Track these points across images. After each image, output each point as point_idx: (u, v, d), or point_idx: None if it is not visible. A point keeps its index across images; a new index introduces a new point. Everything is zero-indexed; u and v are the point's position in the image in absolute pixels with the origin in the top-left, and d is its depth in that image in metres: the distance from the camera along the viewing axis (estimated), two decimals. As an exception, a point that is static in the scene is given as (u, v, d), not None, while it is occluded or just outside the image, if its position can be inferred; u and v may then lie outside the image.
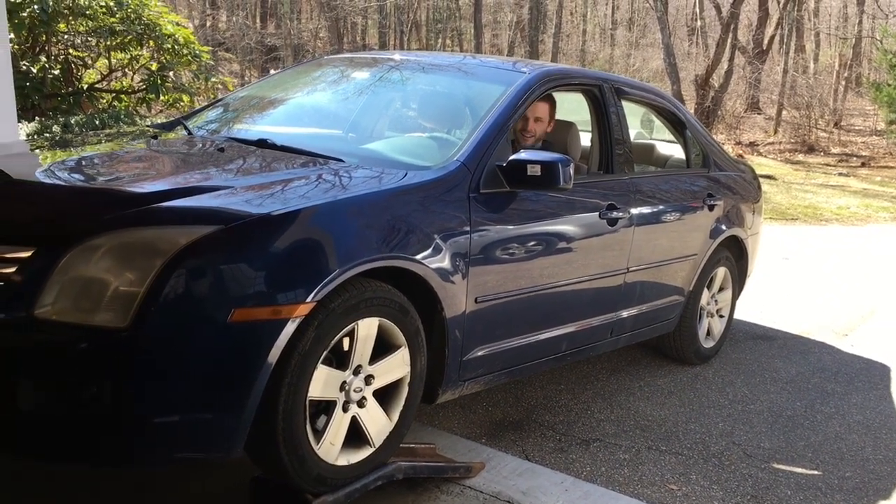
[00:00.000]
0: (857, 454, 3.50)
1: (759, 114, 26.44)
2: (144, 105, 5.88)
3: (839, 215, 11.41)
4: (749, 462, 3.34)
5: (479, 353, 2.99)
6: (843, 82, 28.62)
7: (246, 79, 21.34)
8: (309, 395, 2.37)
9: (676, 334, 4.29)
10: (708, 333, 4.52)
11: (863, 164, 20.45)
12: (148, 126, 4.07)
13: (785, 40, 27.03)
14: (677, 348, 4.37)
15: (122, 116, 5.23)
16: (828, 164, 19.61)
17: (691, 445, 3.44)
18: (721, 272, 4.53)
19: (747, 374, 4.38)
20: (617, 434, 3.46)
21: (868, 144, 23.93)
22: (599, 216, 3.47)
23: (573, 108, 4.26)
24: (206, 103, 4.38)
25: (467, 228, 2.83)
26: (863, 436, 3.69)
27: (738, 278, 4.75)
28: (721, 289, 4.60)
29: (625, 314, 3.77)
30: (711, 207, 4.29)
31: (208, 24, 22.76)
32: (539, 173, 2.92)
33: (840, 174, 17.75)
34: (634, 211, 3.65)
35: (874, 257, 8.28)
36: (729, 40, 22.52)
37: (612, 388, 3.97)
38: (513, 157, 2.98)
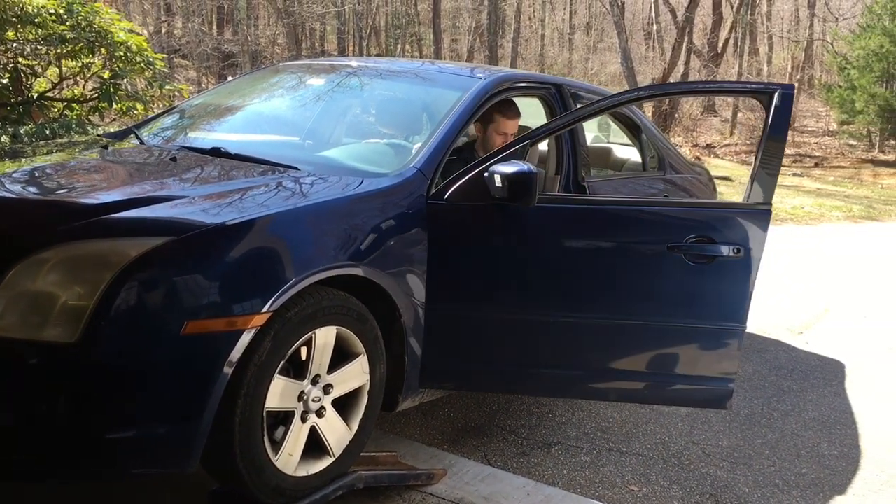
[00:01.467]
0: (813, 450, 3.56)
1: (715, 116, 26.87)
2: (97, 114, 5.78)
3: (794, 215, 11.63)
4: (708, 461, 3.37)
5: (438, 362, 2.97)
6: (796, 84, 29.16)
7: (203, 86, 21.11)
8: (266, 406, 2.35)
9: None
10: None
11: (816, 165, 20.89)
12: (99, 135, 3.99)
13: (739, 43, 27.52)
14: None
15: (74, 126, 5.14)
16: (782, 165, 19.96)
17: (651, 446, 3.47)
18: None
19: (706, 374, 4.42)
20: (578, 437, 3.48)
21: (821, 145, 24.45)
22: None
23: (530, 112, 4.28)
24: (160, 111, 4.32)
25: (425, 236, 2.82)
26: (818, 432, 3.76)
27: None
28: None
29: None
30: (668, 210, 4.32)
31: (163, 30, 22.47)
32: (503, 184, 2.76)
33: (794, 174, 18.11)
34: None
35: (828, 256, 8.45)
36: (684, 44, 22.87)
37: (573, 391, 3.99)
38: (483, 167, 2.85)
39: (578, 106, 3.90)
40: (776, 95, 2.93)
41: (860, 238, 9.99)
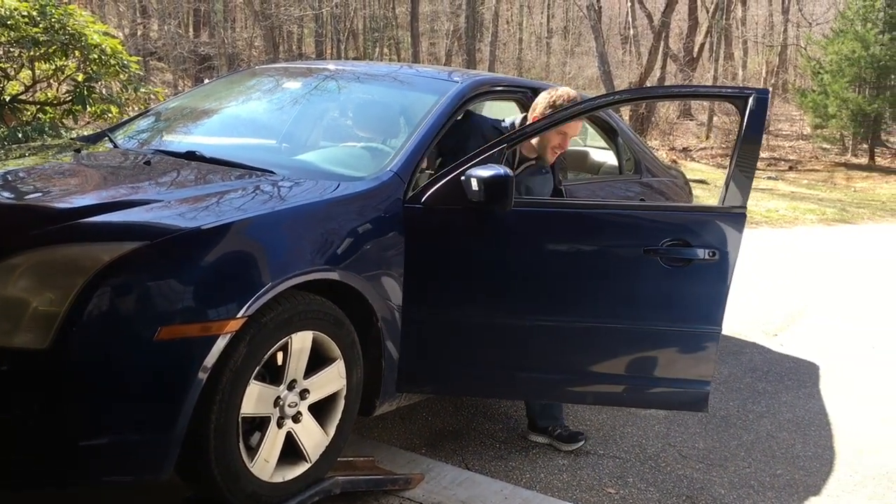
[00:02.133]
0: (788, 451, 3.59)
1: (691, 120, 27.10)
2: (71, 117, 5.71)
3: (768, 218, 11.74)
4: (684, 463, 3.39)
5: (415, 366, 2.97)
6: (771, 88, 29.47)
7: (179, 88, 20.95)
8: (241, 412, 2.34)
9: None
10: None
11: (790, 168, 21.12)
12: (73, 139, 3.95)
13: (714, 48, 27.78)
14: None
15: (47, 129, 5.08)
16: (757, 168, 20.15)
17: (628, 448, 3.48)
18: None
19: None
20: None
21: (795, 148, 24.72)
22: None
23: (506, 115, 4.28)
24: (134, 114, 4.28)
25: (402, 239, 2.81)
26: (793, 433, 3.79)
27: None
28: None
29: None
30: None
31: (139, 32, 22.28)
32: (480, 187, 2.75)
33: (769, 178, 18.29)
34: None
35: (802, 259, 8.54)
36: (661, 48, 23.03)
37: (551, 394, 3.99)
38: (461, 170, 2.83)
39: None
40: (751, 100, 2.96)
41: (834, 241, 10.11)
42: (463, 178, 2.81)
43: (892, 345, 5.37)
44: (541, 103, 3.34)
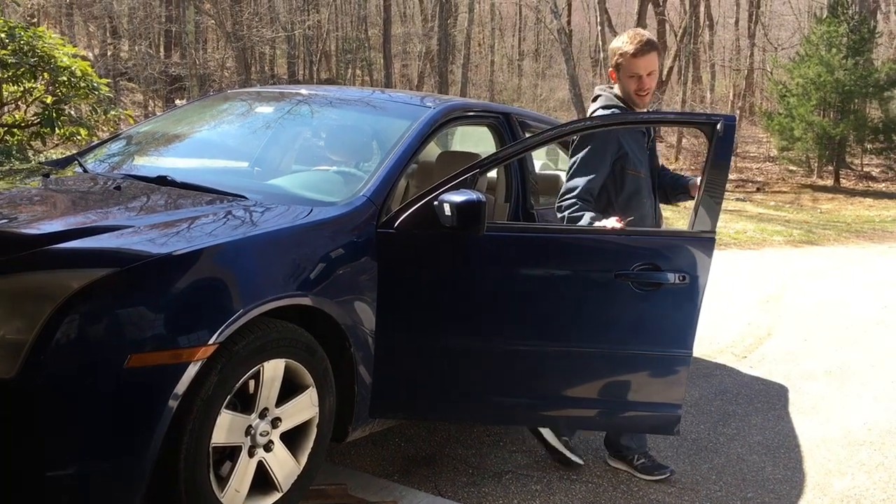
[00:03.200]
0: (758, 474, 3.61)
1: (661, 141, 27.45)
2: (39, 139, 5.65)
3: (737, 239, 11.89)
4: (656, 487, 3.40)
5: (389, 392, 2.95)
6: (738, 111, 29.97)
7: (150, 109, 20.85)
8: (212, 441, 2.31)
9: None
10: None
11: (758, 190, 21.46)
12: (41, 163, 3.91)
13: (683, 71, 28.21)
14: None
15: (15, 152, 5.02)
16: (725, 190, 20.43)
17: (601, 473, 3.48)
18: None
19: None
20: (529, 465, 3.48)
21: (762, 170, 25.13)
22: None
23: (479, 139, 4.32)
24: (104, 137, 4.25)
25: (374, 265, 2.81)
26: (763, 456, 3.82)
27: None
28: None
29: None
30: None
31: (109, 53, 22.15)
32: (452, 212, 2.75)
33: (737, 199, 18.55)
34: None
35: (770, 280, 8.65)
36: (630, 71, 23.26)
37: (524, 418, 4.00)
38: (434, 195, 2.83)
39: (527, 135, 3.95)
40: (719, 126, 3.01)
41: (800, 262, 10.25)
42: (436, 203, 2.81)
43: (859, 366, 5.45)
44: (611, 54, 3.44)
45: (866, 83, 21.84)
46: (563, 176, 5.02)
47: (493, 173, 4.09)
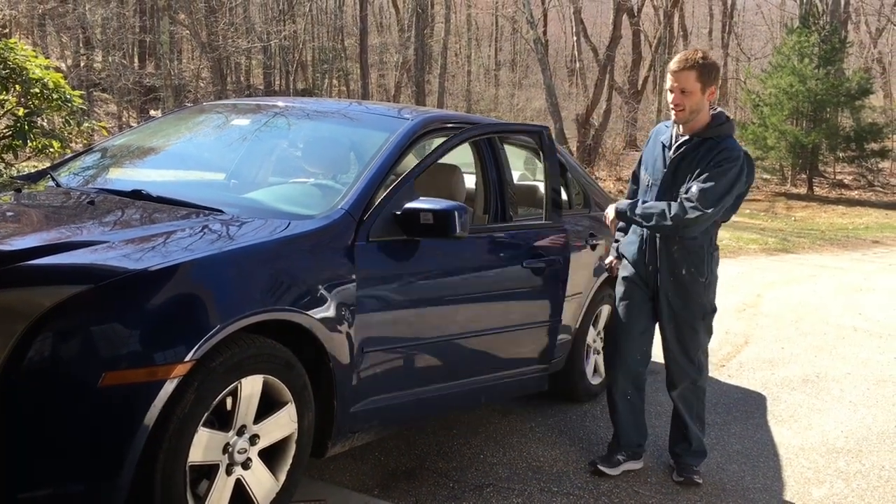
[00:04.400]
0: (738, 484, 3.62)
1: (637, 150, 27.64)
2: (10, 152, 5.57)
3: (713, 248, 11.97)
4: (637, 498, 3.40)
5: (369, 404, 2.94)
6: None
7: (124, 120, 20.69)
8: (189, 460, 2.27)
9: (565, 373, 4.34)
10: (595, 371, 4.61)
11: (733, 198, 21.61)
12: (13, 177, 3.85)
13: (658, 81, 28.47)
14: (566, 387, 4.42)
15: (-14, 165, 4.95)
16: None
17: (582, 485, 3.48)
18: (606, 310, 4.64)
19: (633, 409, 4.47)
20: (510, 477, 3.47)
21: (737, 179, 25.34)
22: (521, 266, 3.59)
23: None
24: (77, 150, 4.20)
25: (353, 278, 2.80)
26: (742, 465, 3.83)
27: (622, 315, 4.88)
28: (606, 325, 4.71)
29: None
30: (594, 247, 4.40)
31: (82, 64, 21.95)
32: (431, 221, 2.90)
33: (713, 208, 18.66)
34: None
35: (746, 288, 8.71)
36: (606, 81, 23.52)
37: (504, 431, 3.99)
38: (407, 205, 2.94)
39: (504, 146, 3.95)
40: (543, 134, 3.87)
41: (776, 270, 10.35)
42: (414, 212, 2.92)
43: (835, 373, 5.49)
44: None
45: (838, 92, 22.14)
46: (542, 186, 5.07)
47: (471, 185, 4.10)
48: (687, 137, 3.36)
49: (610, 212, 3.60)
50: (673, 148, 3.40)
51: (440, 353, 3.29)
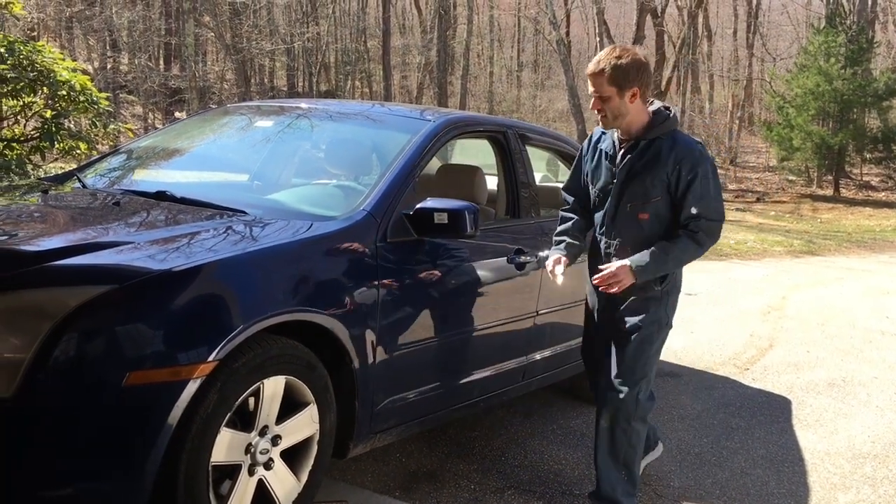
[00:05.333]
0: (762, 489, 3.58)
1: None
2: (38, 153, 5.65)
3: (738, 250, 11.87)
4: (660, 502, 3.38)
5: (391, 404, 2.95)
6: (737, 121, 30.04)
7: (149, 121, 20.89)
8: (212, 460, 2.28)
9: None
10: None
11: (758, 200, 21.45)
12: (40, 178, 3.90)
13: (682, 82, 28.28)
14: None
15: (14, 166, 5.01)
16: (725, 200, 20.42)
17: None
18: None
19: (656, 413, 4.41)
20: (531, 480, 3.45)
21: (762, 180, 25.14)
22: (508, 261, 3.51)
23: (479, 152, 4.31)
24: (104, 152, 4.24)
25: (375, 279, 2.80)
26: (766, 469, 3.79)
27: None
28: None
29: (537, 356, 3.80)
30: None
31: (109, 66, 22.21)
32: (446, 221, 2.93)
33: (737, 209, 18.55)
34: (542, 254, 3.70)
35: (771, 291, 8.63)
36: (629, 82, 23.31)
37: (526, 433, 3.97)
38: (419, 205, 2.97)
39: (527, 147, 3.95)
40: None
41: (801, 272, 10.24)
42: (427, 212, 2.94)
43: (862, 378, 5.42)
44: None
45: (865, 93, 21.88)
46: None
47: (493, 186, 4.09)
48: (632, 143, 3.01)
49: (624, 274, 2.95)
50: (618, 157, 3.04)
51: (461, 351, 3.32)
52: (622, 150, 3.03)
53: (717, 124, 28.15)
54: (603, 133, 3.15)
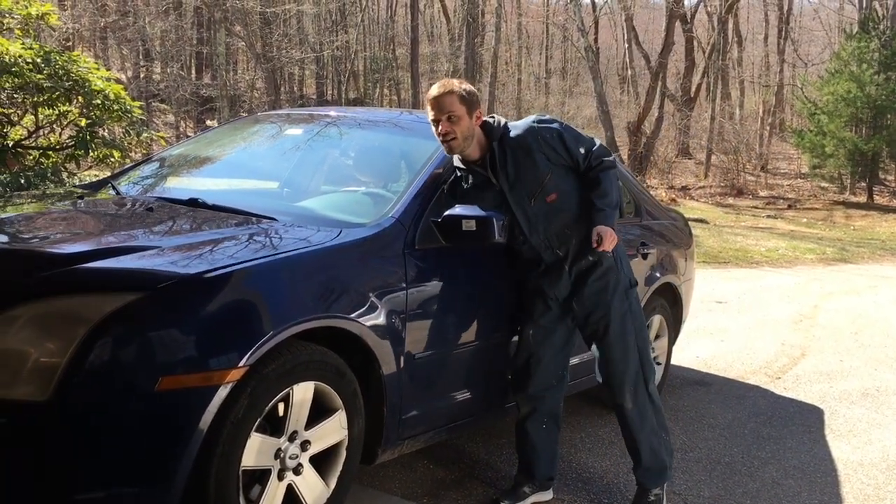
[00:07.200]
0: (794, 500, 3.54)
1: (689, 159, 27.27)
2: (73, 161, 5.76)
3: (769, 257, 11.74)
4: (689, 512, 3.35)
5: (419, 411, 2.96)
6: (768, 128, 29.73)
7: (181, 129, 21.16)
8: (242, 464, 2.31)
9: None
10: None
11: (789, 207, 21.18)
12: (75, 186, 3.97)
13: (711, 88, 28.05)
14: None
15: (49, 174, 5.11)
16: (756, 207, 20.24)
17: (633, 497, 3.42)
18: (657, 320, 4.59)
19: (685, 422, 4.42)
20: (559, 488, 3.44)
21: (793, 187, 24.82)
22: None
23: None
24: (137, 160, 4.31)
25: (403, 285, 2.82)
26: (798, 480, 3.74)
27: (674, 325, 4.81)
28: (657, 336, 4.65)
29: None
30: (645, 256, 4.36)
31: (142, 75, 22.54)
32: (474, 228, 2.92)
33: (768, 216, 18.34)
34: None
35: (803, 299, 8.52)
36: (658, 88, 23.27)
37: (554, 440, 3.95)
38: (447, 212, 2.97)
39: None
40: None
41: (834, 280, 10.09)
42: (455, 219, 2.93)
43: (895, 387, 5.34)
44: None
45: (899, 98, 21.53)
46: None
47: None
48: (485, 155, 3.06)
49: (606, 232, 3.05)
50: (488, 172, 3.07)
51: (489, 357, 3.31)
52: (483, 167, 3.09)
53: (748, 130, 27.86)
54: (451, 175, 3.18)
